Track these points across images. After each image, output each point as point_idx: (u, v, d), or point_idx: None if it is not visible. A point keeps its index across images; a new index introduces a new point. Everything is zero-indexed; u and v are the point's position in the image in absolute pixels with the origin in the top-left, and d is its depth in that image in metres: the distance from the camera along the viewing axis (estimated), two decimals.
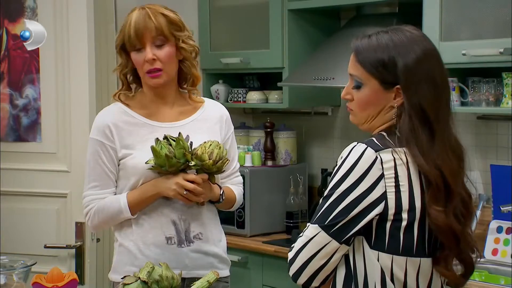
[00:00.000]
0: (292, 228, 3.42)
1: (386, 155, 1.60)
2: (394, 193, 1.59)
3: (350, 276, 1.63)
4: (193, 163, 2.13)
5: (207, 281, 1.96)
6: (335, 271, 1.65)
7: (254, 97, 3.62)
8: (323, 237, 1.60)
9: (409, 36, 1.62)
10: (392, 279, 1.61)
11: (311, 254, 1.61)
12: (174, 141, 2.14)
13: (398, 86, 1.61)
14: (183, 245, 2.20)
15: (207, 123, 2.27)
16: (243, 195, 2.40)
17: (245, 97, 3.66)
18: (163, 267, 1.97)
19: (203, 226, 2.23)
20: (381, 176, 1.59)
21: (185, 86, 2.28)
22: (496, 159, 3.04)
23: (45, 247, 3.06)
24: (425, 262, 1.64)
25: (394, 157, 1.60)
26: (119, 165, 2.22)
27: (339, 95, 3.60)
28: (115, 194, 2.23)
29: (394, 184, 1.59)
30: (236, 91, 3.69)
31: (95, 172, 2.22)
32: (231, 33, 3.64)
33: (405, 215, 1.60)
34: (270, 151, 3.60)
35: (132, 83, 2.29)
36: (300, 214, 3.48)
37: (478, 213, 2.99)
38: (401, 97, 1.61)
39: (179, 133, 2.17)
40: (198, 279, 2.09)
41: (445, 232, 1.60)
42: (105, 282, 3.36)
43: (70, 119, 3.14)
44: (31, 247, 3.08)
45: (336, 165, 1.64)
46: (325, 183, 3.43)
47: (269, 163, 3.59)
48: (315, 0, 3.39)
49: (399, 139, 1.61)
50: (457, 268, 1.68)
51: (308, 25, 3.46)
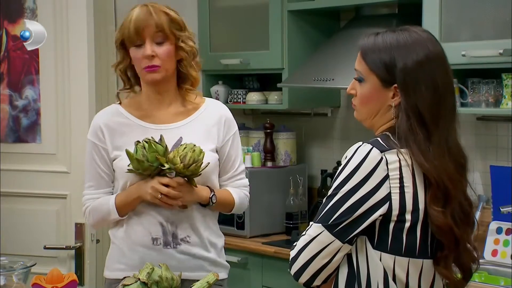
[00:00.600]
0: (292, 229, 3.42)
1: (392, 156, 1.60)
2: (398, 194, 1.59)
3: (353, 276, 1.63)
4: (167, 166, 2.10)
5: (207, 282, 1.96)
6: (337, 270, 1.65)
7: (254, 98, 3.62)
8: (326, 236, 1.60)
9: (414, 38, 1.63)
10: (394, 280, 1.61)
11: (314, 253, 1.61)
12: (147, 143, 2.10)
13: (396, 85, 1.62)
14: (168, 247, 2.18)
15: (204, 125, 2.24)
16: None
17: (245, 98, 3.66)
18: (162, 268, 1.97)
19: (192, 229, 2.20)
20: (386, 177, 1.59)
21: (183, 86, 2.27)
22: (495, 160, 3.04)
23: (45, 248, 3.06)
24: (428, 263, 1.64)
25: (399, 158, 1.60)
26: (112, 165, 2.22)
27: (339, 96, 3.61)
28: (112, 192, 2.24)
29: (398, 185, 1.59)
30: (235, 92, 3.69)
31: (90, 173, 2.24)
32: (231, 34, 3.64)
33: (408, 216, 1.60)
34: (269, 152, 3.60)
35: (131, 81, 2.28)
36: (300, 215, 3.48)
37: (478, 214, 2.99)
38: (399, 96, 1.62)
39: (161, 136, 2.14)
40: (187, 280, 2.11)
41: (444, 233, 1.60)
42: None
43: (70, 120, 3.14)
44: (30, 248, 3.08)
45: (340, 164, 1.64)
46: (324, 184, 3.43)
47: (269, 164, 3.59)
48: (315, 1, 3.39)
49: (399, 139, 1.61)
50: (456, 270, 1.68)
51: (308, 26, 3.46)
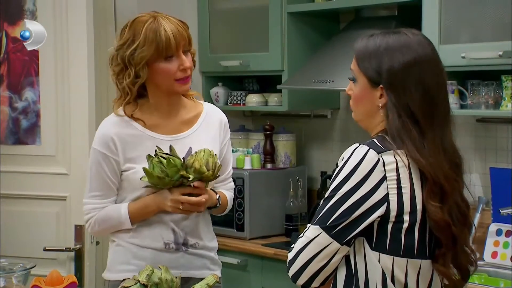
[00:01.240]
0: (292, 231, 3.42)
1: (388, 157, 1.61)
2: (396, 195, 1.60)
3: (351, 277, 1.63)
4: (191, 177, 2.12)
5: (207, 284, 1.96)
6: (335, 272, 1.65)
7: (254, 100, 3.62)
8: (324, 238, 1.61)
9: (403, 40, 1.65)
10: (393, 281, 1.62)
11: (312, 255, 1.62)
12: (164, 158, 2.11)
13: (382, 86, 1.64)
14: (180, 250, 2.22)
15: (209, 132, 2.27)
16: (244, 197, 2.41)
17: (245, 100, 3.66)
18: (162, 270, 1.97)
19: (199, 236, 2.25)
20: (383, 178, 1.59)
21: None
22: (495, 162, 3.04)
23: (45, 250, 3.06)
24: (426, 264, 1.64)
25: (396, 159, 1.61)
26: (121, 175, 2.21)
27: (338, 98, 3.61)
28: (115, 200, 2.24)
29: (396, 186, 1.60)
30: (235, 94, 3.69)
31: (97, 182, 2.21)
32: (230, 36, 3.64)
33: (406, 217, 1.61)
34: (269, 154, 3.60)
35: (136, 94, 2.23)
36: (300, 217, 3.48)
37: (478, 216, 2.99)
38: (385, 97, 1.64)
39: (170, 147, 2.14)
40: (192, 279, 2.15)
41: (442, 228, 1.61)
42: (104, 285, 3.36)
43: (69, 122, 3.14)
44: (30, 250, 3.07)
45: (337, 166, 1.65)
46: (324, 186, 3.43)
47: (269, 166, 3.59)
48: (314, 3, 3.39)
49: (393, 139, 1.62)
50: (454, 271, 1.68)
51: (308, 28, 3.46)
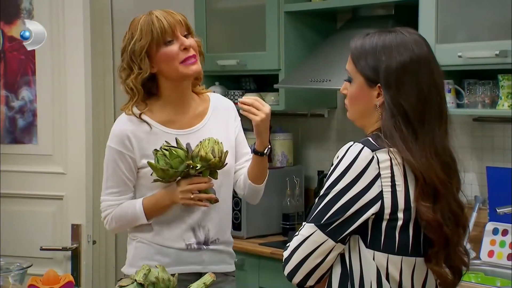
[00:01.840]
0: (289, 230, 3.42)
1: (383, 155, 1.61)
2: (390, 193, 1.60)
3: (346, 275, 1.64)
4: (198, 165, 2.13)
5: (204, 283, 1.96)
6: (330, 270, 1.65)
7: None
8: (319, 236, 1.61)
9: (399, 39, 1.65)
10: (387, 278, 1.62)
11: (307, 253, 1.62)
12: (167, 151, 2.12)
13: (380, 85, 1.64)
14: (201, 248, 2.25)
15: (219, 122, 2.29)
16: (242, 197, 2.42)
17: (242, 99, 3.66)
18: (159, 269, 1.97)
19: (221, 231, 2.28)
20: (378, 176, 1.60)
21: (194, 82, 2.30)
22: (492, 161, 3.05)
23: (41, 249, 3.06)
24: (420, 261, 1.65)
25: (391, 157, 1.61)
26: (138, 172, 2.22)
27: (335, 97, 3.61)
28: (133, 197, 2.25)
29: (390, 183, 1.60)
30: (232, 93, 3.69)
31: (113, 179, 2.23)
32: (227, 35, 3.64)
33: (400, 215, 1.61)
34: None
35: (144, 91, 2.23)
36: (297, 216, 3.48)
37: (474, 215, 3.00)
38: (383, 96, 1.64)
39: (176, 139, 2.16)
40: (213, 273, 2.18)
41: (434, 228, 1.61)
42: (101, 284, 3.37)
43: (66, 121, 3.14)
44: (27, 249, 3.07)
45: (332, 164, 1.65)
46: (321, 185, 3.40)
47: None
48: (311, 2, 3.39)
49: (386, 138, 1.62)
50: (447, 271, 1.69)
51: (305, 27, 3.46)
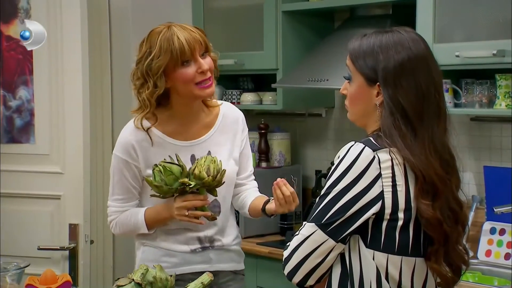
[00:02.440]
0: (286, 230, 3.42)
1: (384, 155, 1.61)
2: (390, 193, 1.60)
3: (346, 275, 1.64)
4: (192, 183, 2.14)
5: (201, 283, 1.96)
6: (330, 269, 1.65)
7: (248, 99, 3.62)
8: (320, 235, 1.61)
9: (397, 38, 1.66)
10: (387, 278, 1.62)
11: (307, 253, 1.62)
12: (163, 167, 2.14)
13: (379, 84, 1.65)
14: (207, 249, 2.28)
15: (226, 133, 2.30)
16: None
17: (239, 98, 3.66)
18: (157, 268, 1.97)
19: (226, 236, 2.31)
20: (379, 176, 1.60)
21: None
22: (489, 161, 3.05)
23: (39, 249, 3.06)
24: (420, 262, 1.65)
25: (392, 157, 1.61)
26: (143, 181, 2.24)
27: (333, 96, 3.61)
28: (138, 204, 2.28)
29: (391, 183, 1.60)
30: (230, 93, 3.69)
31: (119, 187, 2.26)
32: (225, 35, 3.64)
33: (401, 215, 1.61)
34: (264, 153, 3.60)
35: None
36: (294, 215, 3.48)
37: (472, 214, 3.00)
38: (382, 94, 1.64)
39: (176, 155, 2.18)
40: (221, 272, 2.25)
41: (434, 226, 1.61)
42: (99, 284, 3.36)
43: (63, 120, 3.13)
44: (24, 249, 3.07)
45: (333, 164, 1.65)
46: (319, 185, 3.43)
47: (263, 164, 3.59)
48: (309, 2, 3.39)
49: (386, 136, 1.62)
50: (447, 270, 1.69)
51: (302, 26, 3.46)
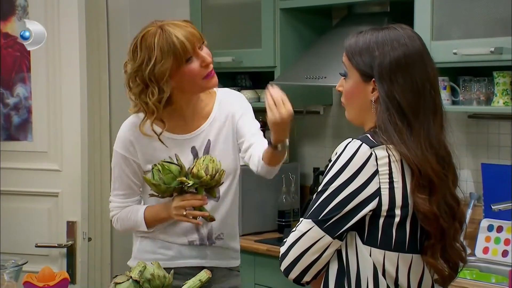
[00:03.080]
0: (284, 227, 3.42)
1: (381, 152, 1.61)
2: (388, 190, 1.60)
3: (343, 271, 1.64)
4: (191, 182, 2.14)
5: (199, 280, 1.96)
6: (327, 266, 1.66)
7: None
8: (316, 232, 1.61)
9: (393, 34, 1.66)
10: (384, 275, 1.62)
11: (304, 249, 1.62)
12: (161, 166, 2.14)
13: (374, 79, 1.65)
14: (205, 245, 2.27)
15: (224, 118, 2.28)
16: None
17: None
18: (154, 266, 1.97)
19: (225, 225, 2.28)
20: (376, 172, 1.60)
21: None
22: (487, 158, 3.05)
23: (36, 246, 3.05)
24: (417, 258, 1.65)
25: (389, 154, 1.61)
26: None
27: (331, 94, 3.61)
28: (140, 199, 2.28)
29: (388, 180, 1.60)
30: None
31: (119, 182, 2.26)
32: (223, 32, 3.64)
33: (398, 212, 1.61)
34: None
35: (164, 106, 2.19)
36: (292, 213, 3.48)
37: (469, 211, 3.00)
38: (377, 90, 1.64)
39: (176, 155, 2.17)
40: (216, 268, 2.24)
41: (430, 221, 1.61)
42: (96, 281, 3.36)
43: (61, 118, 3.13)
44: (22, 246, 3.07)
45: (330, 160, 1.65)
46: (317, 182, 3.43)
47: None
48: None
49: (381, 132, 1.62)
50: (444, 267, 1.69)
51: (300, 24, 3.46)
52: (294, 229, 1.65)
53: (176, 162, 2.16)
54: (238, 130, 2.28)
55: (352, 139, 1.64)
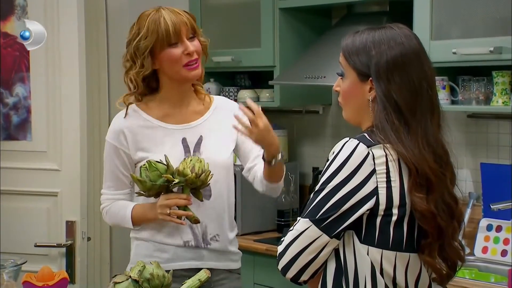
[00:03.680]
0: (284, 227, 3.42)
1: (378, 151, 1.61)
2: (385, 189, 1.60)
3: (341, 270, 1.64)
4: (176, 180, 2.14)
5: (198, 279, 1.96)
6: (325, 265, 1.66)
7: (245, 96, 3.62)
8: (314, 231, 1.61)
9: (390, 34, 1.67)
10: (381, 274, 1.63)
11: (301, 248, 1.62)
12: (148, 163, 2.14)
13: (371, 79, 1.65)
14: (200, 247, 2.26)
15: (221, 121, 2.29)
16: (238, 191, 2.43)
17: (237, 95, 3.65)
18: (154, 265, 1.97)
19: (220, 227, 2.28)
20: (373, 172, 1.60)
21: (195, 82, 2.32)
22: (486, 158, 3.05)
23: (36, 245, 3.05)
24: (414, 257, 1.65)
25: (386, 153, 1.61)
26: (136, 167, 2.24)
27: (330, 93, 3.61)
28: (131, 193, 2.28)
29: (385, 179, 1.60)
30: (227, 90, 3.69)
31: (109, 174, 2.29)
32: (222, 32, 3.64)
33: (395, 211, 1.61)
34: None
35: (147, 87, 2.27)
36: (292, 212, 3.49)
37: (468, 211, 3.00)
38: (374, 90, 1.65)
39: (165, 156, 2.17)
40: (215, 270, 2.23)
41: (427, 219, 1.61)
42: (96, 281, 3.36)
43: (60, 117, 3.13)
44: (21, 245, 3.06)
45: (328, 160, 1.65)
46: (316, 182, 3.41)
47: None
48: None
49: (378, 131, 1.62)
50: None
51: (299, 23, 3.46)
52: (291, 228, 1.65)
53: (164, 163, 2.16)
54: (239, 147, 2.32)
55: (349, 139, 1.64)
